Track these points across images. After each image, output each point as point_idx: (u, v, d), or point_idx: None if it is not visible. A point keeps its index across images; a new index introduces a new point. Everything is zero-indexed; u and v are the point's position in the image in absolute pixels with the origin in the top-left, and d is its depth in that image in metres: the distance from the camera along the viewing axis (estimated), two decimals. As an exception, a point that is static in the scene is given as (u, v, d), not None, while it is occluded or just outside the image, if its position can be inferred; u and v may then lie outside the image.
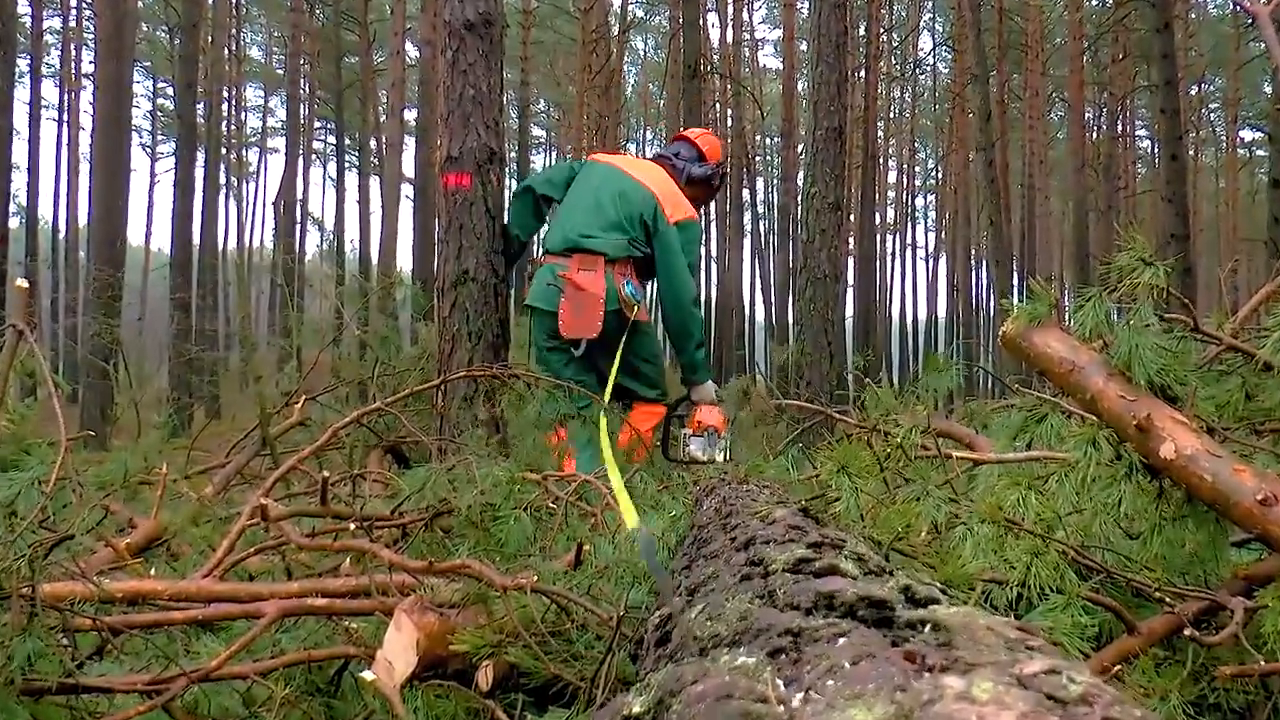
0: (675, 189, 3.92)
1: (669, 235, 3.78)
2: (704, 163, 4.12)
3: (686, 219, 3.84)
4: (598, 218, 3.83)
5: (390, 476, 2.85)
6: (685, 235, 3.82)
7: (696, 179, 4.06)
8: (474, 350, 3.79)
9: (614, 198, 3.87)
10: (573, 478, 2.29)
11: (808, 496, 1.71)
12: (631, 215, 3.81)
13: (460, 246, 3.84)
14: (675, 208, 3.84)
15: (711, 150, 4.16)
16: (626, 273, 3.75)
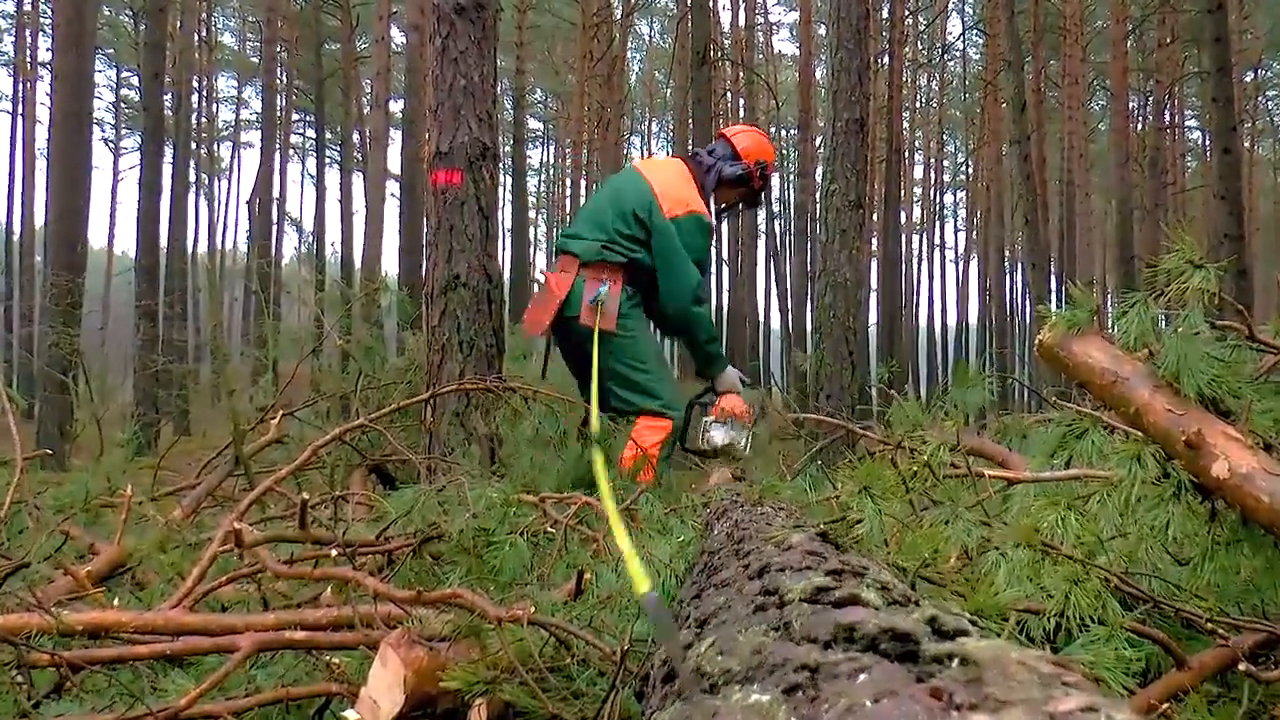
0: (682, 185, 3.95)
1: (664, 230, 3.83)
2: (737, 161, 4.13)
3: (688, 214, 3.87)
4: (590, 219, 3.94)
5: (375, 498, 2.85)
6: (685, 230, 3.85)
7: (728, 179, 4.09)
8: (465, 361, 3.81)
9: (611, 196, 3.96)
10: (572, 499, 2.29)
11: (827, 519, 1.72)
12: (624, 212, 3.87)
13: (450, 249, 3.86)
14: (676, 203, 3.87)
15: (747, 148, 4.16)
16: (604, 277, 3.82)
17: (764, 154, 4.16)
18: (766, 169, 4.14)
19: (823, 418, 3.93)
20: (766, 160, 4.15)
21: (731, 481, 3.14)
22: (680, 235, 3.84)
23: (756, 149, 4.15)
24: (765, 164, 4.14)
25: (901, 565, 1.48)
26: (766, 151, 4.18)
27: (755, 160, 4.12)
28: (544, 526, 2.17)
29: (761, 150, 4.17)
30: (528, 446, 3.17)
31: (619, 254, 3.86)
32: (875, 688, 0.48)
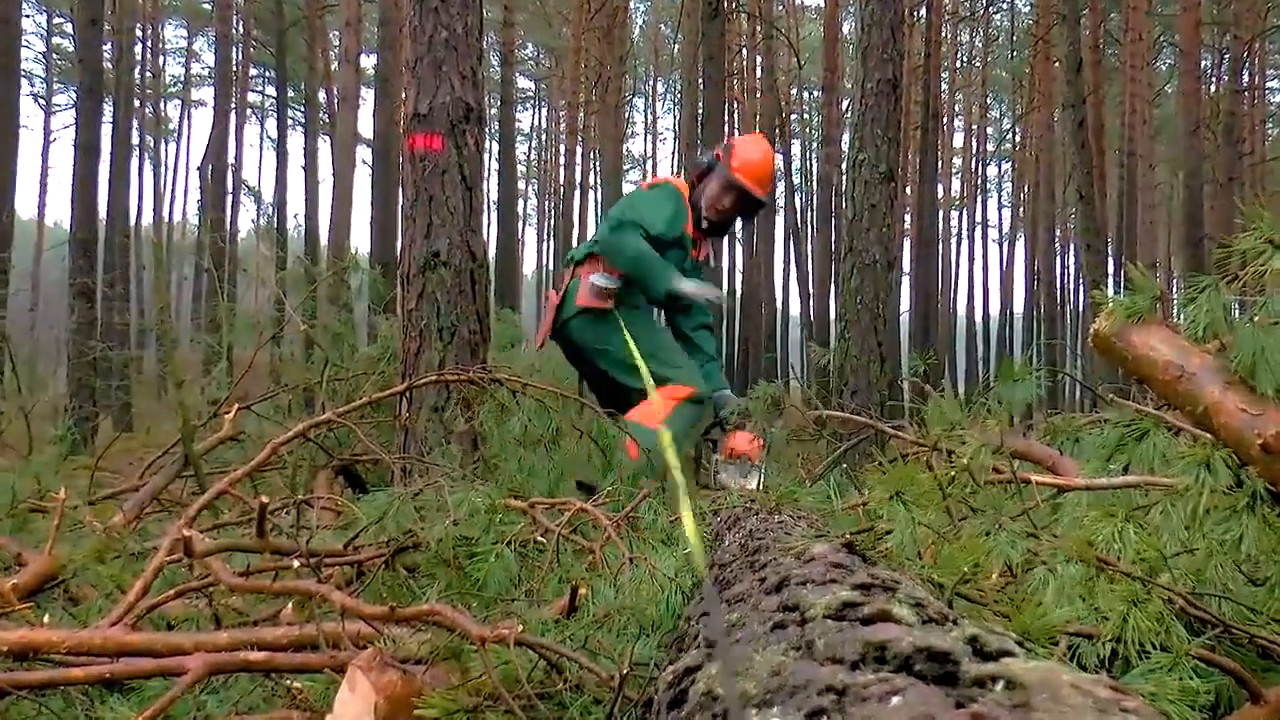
0: (670, 177, 4.52)
1: (628, 197, 4.48)
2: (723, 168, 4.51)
3: (655, 183, 4.47)
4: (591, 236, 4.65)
5: (343, 503, 2.86)
6: (645, 195, 4.44)
7: (694, 172, 4.52)
8: (446, 349, 3.82)
9: (617, 206, 4.64)
10: (566, 505, 2.30)
11: (853, 529, 1.72)
12: (618, 208, 4.47)
13: (430, 223, 3.87)
14: (654, 180, 4.48)
15: (737, 152, 4.50)
16: (599, 269, 4.39)
17: (746, 158, 4.48)
18: (729, 150, 4.48)
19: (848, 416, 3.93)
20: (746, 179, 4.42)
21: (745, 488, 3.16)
22: (636, 198, 4.41)
23: (746, 156, 4.49)
24: (726, 146, 4.51)
25: (937, 581, 1.48)
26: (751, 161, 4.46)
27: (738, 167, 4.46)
28: (534, 535, 2.17)
29: (749, 154, 4.50)
30: (516, 446, 3.18)
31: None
32: (909, 712, 0.48)
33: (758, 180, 4.44)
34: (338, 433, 4.09)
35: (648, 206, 4.36)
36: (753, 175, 4.42)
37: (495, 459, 3.32)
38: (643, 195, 4.46)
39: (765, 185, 4.48)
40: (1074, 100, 15.24)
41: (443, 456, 3.34)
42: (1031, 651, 0.67)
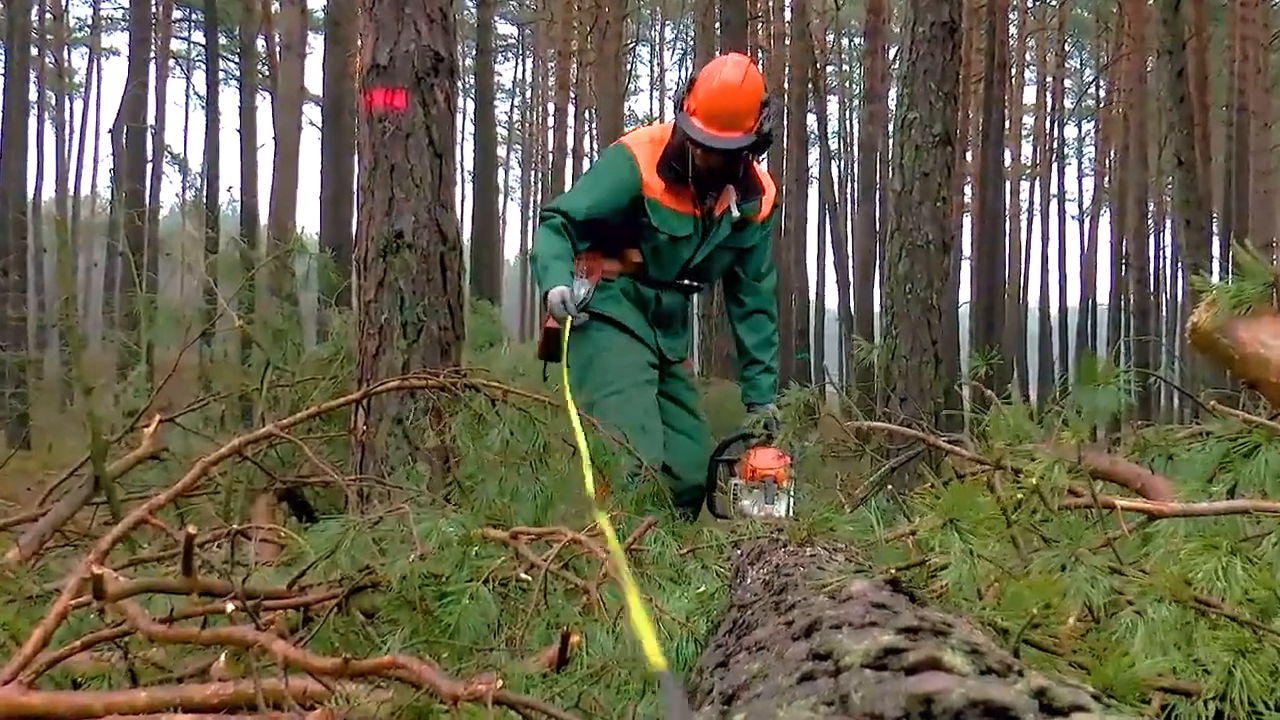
0: (641, 130, 4.52)
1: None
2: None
3: (611, 147, 4.49)
4: None
5: (287, 534, 2.86)
6: (598, 157, 4.40)
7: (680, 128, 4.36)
8: (411, 349, 3.83)
9: None
10: (556, 535, 2.30)
11: (900, 564, 1.72)
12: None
13: (391, 198, 3.88)
14: (617, 141, 4.46)
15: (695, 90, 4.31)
16: (580, 267, 4.33)
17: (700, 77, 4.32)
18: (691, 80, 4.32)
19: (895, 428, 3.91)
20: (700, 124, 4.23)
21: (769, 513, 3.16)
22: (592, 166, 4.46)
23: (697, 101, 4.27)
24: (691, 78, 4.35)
25: (1000, 625, 1.49)
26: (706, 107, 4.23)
27: (689, 84, 4.33)
28: (516, 572, 2.18)
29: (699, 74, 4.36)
30: (495, 465, 3.19)
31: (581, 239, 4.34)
32: (961, 777, 0.48)
33: (716, 119, 4.19)
34: (280, 450, 4.09)
35: (577, 184, 4.47)
36: (709, 116, 4.20)
37: (470, 480, 3.32)
38: (596, 170, 4.54)
39: (730, 124, 4.21)
40: (1171, 45, 15.20)
41: (407, 477, 3.35)
42: (1114, 708, 0.67)
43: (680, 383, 4.65)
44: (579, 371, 4.21)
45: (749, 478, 4.13)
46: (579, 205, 4.23)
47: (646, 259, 4.37)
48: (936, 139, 6.72)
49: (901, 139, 6.84)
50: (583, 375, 4.22)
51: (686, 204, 4.32)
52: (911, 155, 6.75)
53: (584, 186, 4.42)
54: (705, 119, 4.16)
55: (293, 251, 5.16)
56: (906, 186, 6.76)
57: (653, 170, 4.24)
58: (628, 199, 4.25)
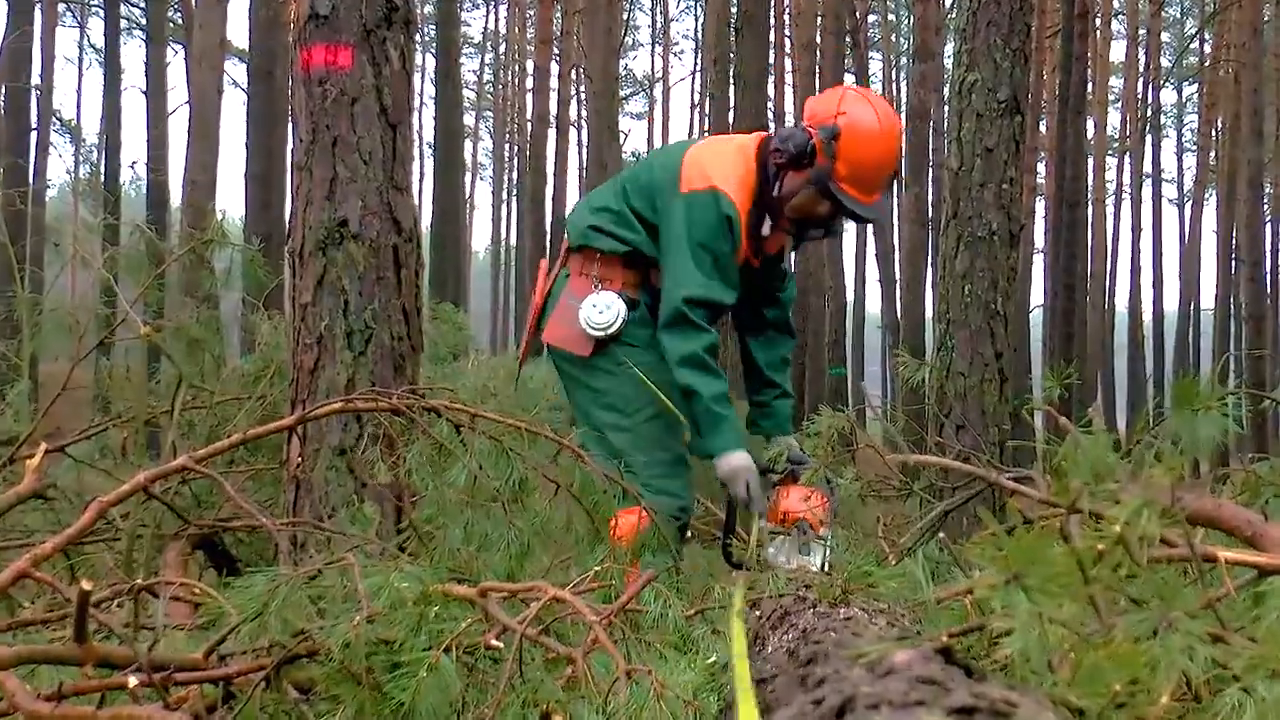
0: (726, 157, 4.31)
1: (670, 210, 4.24)
2: (797, 125, 4.33)
3: (702, 189, 4.22)
4: (607, 187, 4.54)
5: (204, 590, 2.87)
6: (687, 209, 4.21)
7: (783, 158, 4.24)
8: (357, 363, 3.82)
9: (644, 163, 4.57)
10: (534, 591, 2.31)
11: (953, 628, 1.73)
12: (644, 184, 4.36)
13: (333, 177, 3.87)
14: (699, 176, 4.23)
15: (812, 108, 4.33)
16: (594, 274, 4.34)
17: (825, 110, 4.22)
18: (836, 134, 4.14)
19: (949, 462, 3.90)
20: (831, 118, 4.17)
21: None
22: (681, 215, 4.20)
23: (824, 107, 4.26)
24: (833, 128, 4.15)
25: (1076, 704, 1.49)
26: (830, 110, 4.20)
27: (817, 123, 4.20)
28: (486, 638, 2.18)
29: (825, 107, 4.25)
30: (461, 505, 3.18)
31: (614, 239, 4.33)
32: None
33: (869, 182, 4.22)
34: (196, 487, 4.09)
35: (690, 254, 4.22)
36: (865, 183, 4.21)
37: (430, 525, 3.32)
38: (696, 225, 4.24)
39: (880, 186, 4.31)
40: (1287, -6, 15.24)
41: (352, 521, 3.34)
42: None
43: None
44: (602, 389, 4.30)
45: (779, 522, 4.14)
46: (728, 295, 4.27)
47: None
48: (1002, 106, 6.70)
49: (959, 106, 6.82)
50: (607, 393, 4.30)
51: (751, 254, 4.43)
52: (972, 126, 6.74)
53: (708, 260, 4.24)
54: (859, 186, 4.20)
55: (212, 242, 5.14)
56: (965, 165, 6.75)
57: (744, 228, 4.29)
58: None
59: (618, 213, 4.35)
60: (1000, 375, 6.59)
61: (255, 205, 15.77)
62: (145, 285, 4.72)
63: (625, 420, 4.26)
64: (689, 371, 4.16)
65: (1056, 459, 2.40)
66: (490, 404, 4.30)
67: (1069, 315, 21.85)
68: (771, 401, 4.66)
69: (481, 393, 4.92)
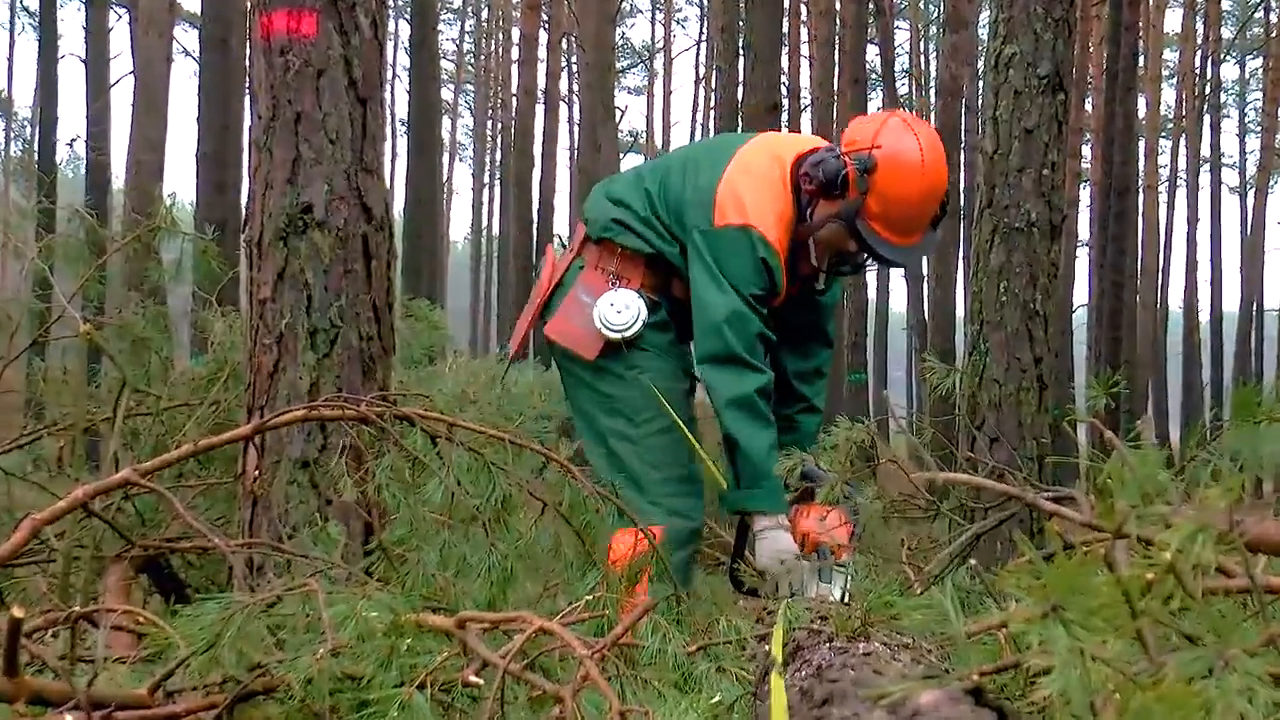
0: (765, 183, 4.30)
1: (697, 241, 4.26)
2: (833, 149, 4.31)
3: (741, 226, 4.23)
4: (641, 173, 4.60)
5: (149, 618, 2.87)
6: (716, 244, 4.24)
7: (816, 185, 4.25)
8: (322, 365, 3.82)
9: (690, 155, 4.57)
10: (518, 622, 2.31)
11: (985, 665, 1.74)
12: (678, 204, 4.36)
13: (296, 158, 3.87)
14: (735, 206, 4.23)
15: (850, 134, 4.31)
16: (612, 270, 4.38)
17: (863, 138, 4.20)
18: (870, 167, 4.12)
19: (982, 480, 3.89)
20: (868, 147, 4.15)
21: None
22: (714, 251, 4.22)
23: (863, 134, 4.23)
24: (868, 159, 4.13)
25: (1123, 751, 1.50)
26: (868, 138, 4.18)
27: (853, 150, 4.18)
28: (464, 673, 2.19)
29: (863, 133, 4.23)
30: (436, 526, 3.18)
31: (641, 239, 4.36)
32: None
33: (904, 223, 4.22)
34: (140, 503, 4.08)
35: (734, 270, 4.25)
36: (899, 226, 4.22)
37: (402, 547, 3.32)
38: (724, 257, 4.26)
39: (918, 228, 4.29)
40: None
41: (315, 542, 3.34)
42: None
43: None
44: (610, 394, 4.33)
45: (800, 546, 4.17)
46: (771, 330, 4.30)
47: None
48: (1044, 82, 6.71)
49: (996, 82, 6.82)
50: (615, 398, 4.33)
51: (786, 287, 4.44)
52: (1009, 104, 6.74)
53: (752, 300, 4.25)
54: (891, 226, 4.20)
55: (159, 229, 5.14)
56: (1002, 148, 6.75)
57: (783, 268, 4.32)
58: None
59: (644, 218, 4.36)
60: (1039, 383, 6.59)
61: (208, 188, 15.74)
62: (85, 277, 4.72)
63: (633, 430, 4.27)
64: (737, 415, 4.18)
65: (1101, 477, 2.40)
66: (470, 412, 4.32)
67: (1117, 316, 21.87)
68: (796, 415, 4.66)
69: (460, 399, 4.93)
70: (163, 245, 5.17)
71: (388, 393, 3.83)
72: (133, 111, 17.03)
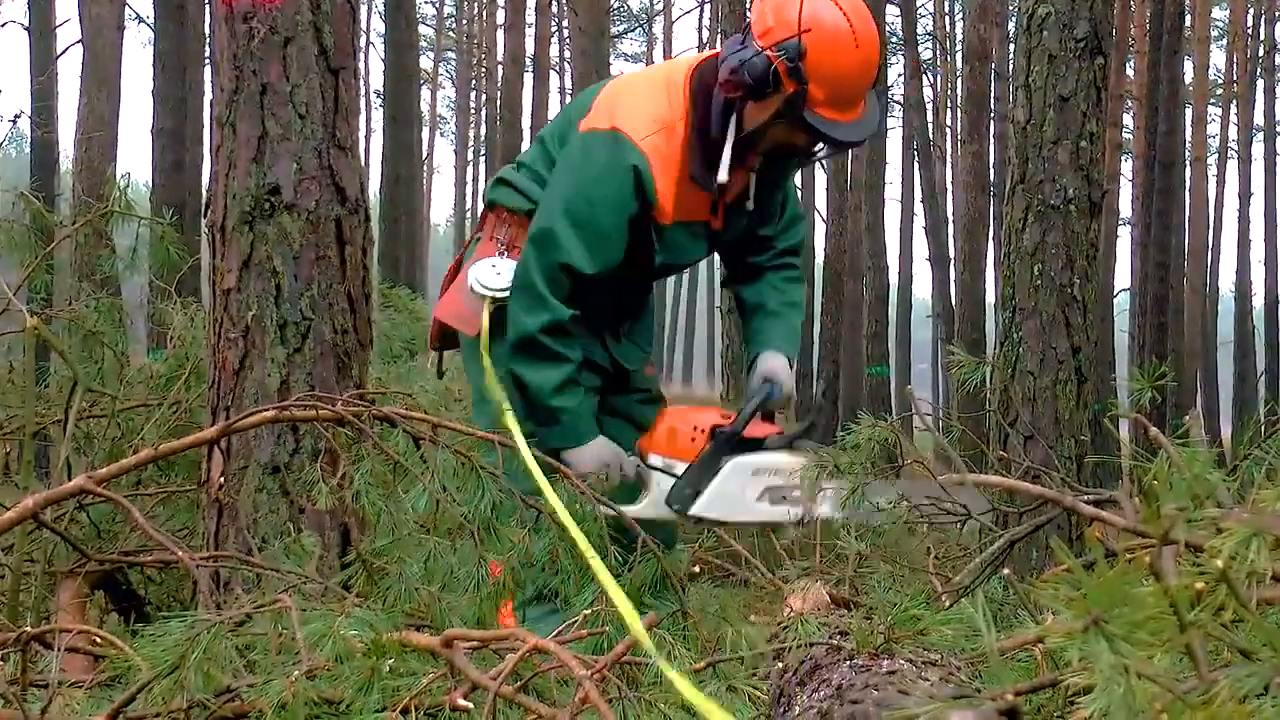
0: (646, 95, 4.34)
1: (565, 149, 4.35)
2: (746, 45, 4.20)
3: (603, 129, 4.25)
4: (537, 140, 4.64)
5: (107, 639, 2.88)
6: (581, 149, 4.29)
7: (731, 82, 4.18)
8: (292, 362, 3.83)
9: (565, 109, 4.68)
10: (509, 640, 2.32)
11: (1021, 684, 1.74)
12: (563, 126, 4.47)
13: (262, 135, 3.88)
14: (606, 113, 4.27)
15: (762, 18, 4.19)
16: (499, 236, 4.45)
17: (783, 24, 4.07)
18: (801, 53, 4.02)
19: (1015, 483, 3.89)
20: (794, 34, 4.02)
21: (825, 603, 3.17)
22: (567, 156, 4.30)
23: (780, 18, 4.10)
24: (793, 44, 4.02)
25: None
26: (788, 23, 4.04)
27: (775, 41, 4.07)
28: (452, 697, 2.19)
29: (782, 19, 4.09)
30: (419, 535, 3.19)
31: (521, 195, 4.41)
32: None
33: (849, 98, 4.15)
34: (95, 513, 4.09)
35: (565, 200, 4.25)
36: (838, 97, 4.12)
37: (383, 558, 3.33)
38: (570, 171, 4.31)
39: (859, 98, 4.20)
40: None
41: (287, 554, 3.35)
42: None
43: (639, 397, 4.72)
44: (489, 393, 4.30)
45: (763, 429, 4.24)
46: (586, 262, 4.21)
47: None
48: (1081, 45, 6.70)
49: (1028, 45, 6.81)
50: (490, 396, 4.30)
51: (703, 209, 4.41)
52: (1043, 70, 6.73)
53: (582, 221, 4.24)
54: (839, 107, 4.14)
55: (112, 214, 5.13)
56: (1035, 118, 6.75)
57: (671, 180, 4.25)
58: (628, 221, 4.28)
59: (534, 172, 4.40)
60: (1078, 375, 6.59)
61: (166, 168, 15.72)
62: (31, 267, 4.72)
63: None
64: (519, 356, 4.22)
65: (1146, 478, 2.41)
66: (456, 411, 4.32)
67: (1162, 301, 21.85)
68: (765, 323, 4.66)
69: (445, 397, 4.93)
70: (116, 230, 5.16)
71: (365, 391, 3.83)
72: (81, 84, 17.00)
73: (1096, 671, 1.62)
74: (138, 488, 4.12)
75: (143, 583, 3.99)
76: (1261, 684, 1.65)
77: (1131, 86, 28.04)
